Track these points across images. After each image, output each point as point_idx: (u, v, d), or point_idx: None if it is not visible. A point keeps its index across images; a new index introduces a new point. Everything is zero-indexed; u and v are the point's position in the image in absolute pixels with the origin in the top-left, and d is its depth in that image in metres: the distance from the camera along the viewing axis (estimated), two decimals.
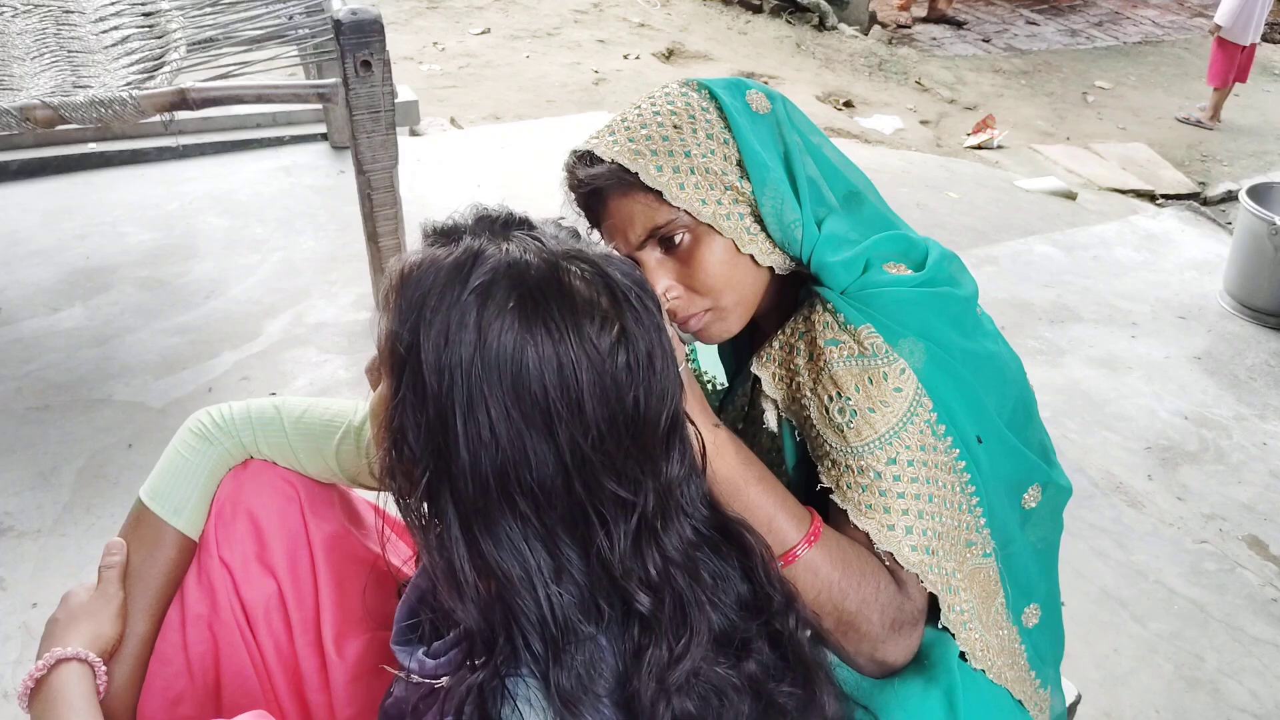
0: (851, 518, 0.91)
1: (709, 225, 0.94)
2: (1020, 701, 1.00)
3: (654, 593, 0.70)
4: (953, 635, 0.94)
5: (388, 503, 0.75)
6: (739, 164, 0.95)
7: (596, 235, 1.03)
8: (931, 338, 0.94)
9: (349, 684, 0.98)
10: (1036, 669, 1.04)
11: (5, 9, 2.41)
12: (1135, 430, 2.46)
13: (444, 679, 0.78)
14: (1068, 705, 1.17)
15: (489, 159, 3.61)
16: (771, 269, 0.98)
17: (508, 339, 0.66)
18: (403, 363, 0.68)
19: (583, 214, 1.01)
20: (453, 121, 4.25)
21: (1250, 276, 2.96)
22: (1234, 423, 2.52)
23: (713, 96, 0.97)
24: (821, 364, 0.93)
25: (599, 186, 0.95)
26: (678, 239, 0.95)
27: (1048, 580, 1.10)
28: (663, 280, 0.96)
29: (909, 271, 0.97)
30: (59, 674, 0.86)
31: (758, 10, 6.84)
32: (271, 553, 0.97)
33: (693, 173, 0.93)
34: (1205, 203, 4.30)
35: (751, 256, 0.96)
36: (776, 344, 0.99)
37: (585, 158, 0.97)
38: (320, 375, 2.39)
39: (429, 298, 0.68)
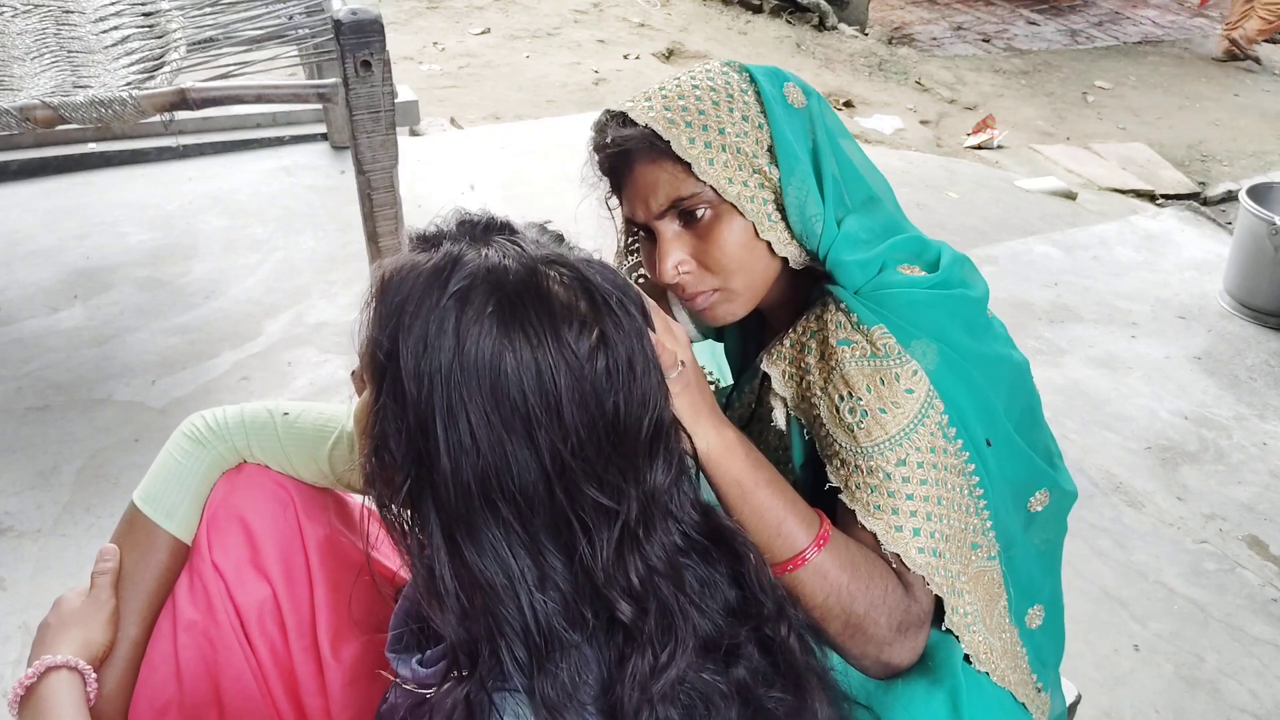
0: (860, 518, 0.91)
1: (732, 205, 0.94)
2: (1023, 704, 1.00)
3: (636, 602, 0.70)
4: (957, 638, 0.94)
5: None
6: (770, 150, 0.95)
7: (615, 201, 1.03)
8: (944, 340, 0.93)
9: (345, 688, 0.98)
10: (1038, 672, 1.04)
11: (5, 9, 2.40)
12: (1135, 430, 2.45)
13: (433, 689, 0.78)
14: (1068, 705, 1.17)
15: (489, 159, 3.61)
16: (785, 261, 0.98)
17: (486, 344, 0.66)
18: (383, 369, 0.68)
19: (604, 177, 1.01)
20: (453, 121, 4.24)
21: (1250, 276, 2.96)
22: (1234, 423, 2.52)
23: (753, 80, 0.97)
24: (833, 363, 0.93)
25: (628, 149, 0.95)
26: (699, 214, 0.94)
27: (1051, 581, 1.10)
28: (676, 253, 0.96)
29: (922, 273, 0.97)
30: (49, 682, 0.86)
31: (758, 10, 6.84)
32: (265, 557, 0.97)
33: (724, 150, 0.93)
34: (1205, 203, 4.30)
35: (768, 244, 0.96)
36: (787, 342, 0.99)
37: (619, 118, 0.96)
38: (320, 375, 2.39)
39: (408, 304, 0.67)
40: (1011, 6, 8.01)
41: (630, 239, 1.15)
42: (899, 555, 0.90)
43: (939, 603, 0.93)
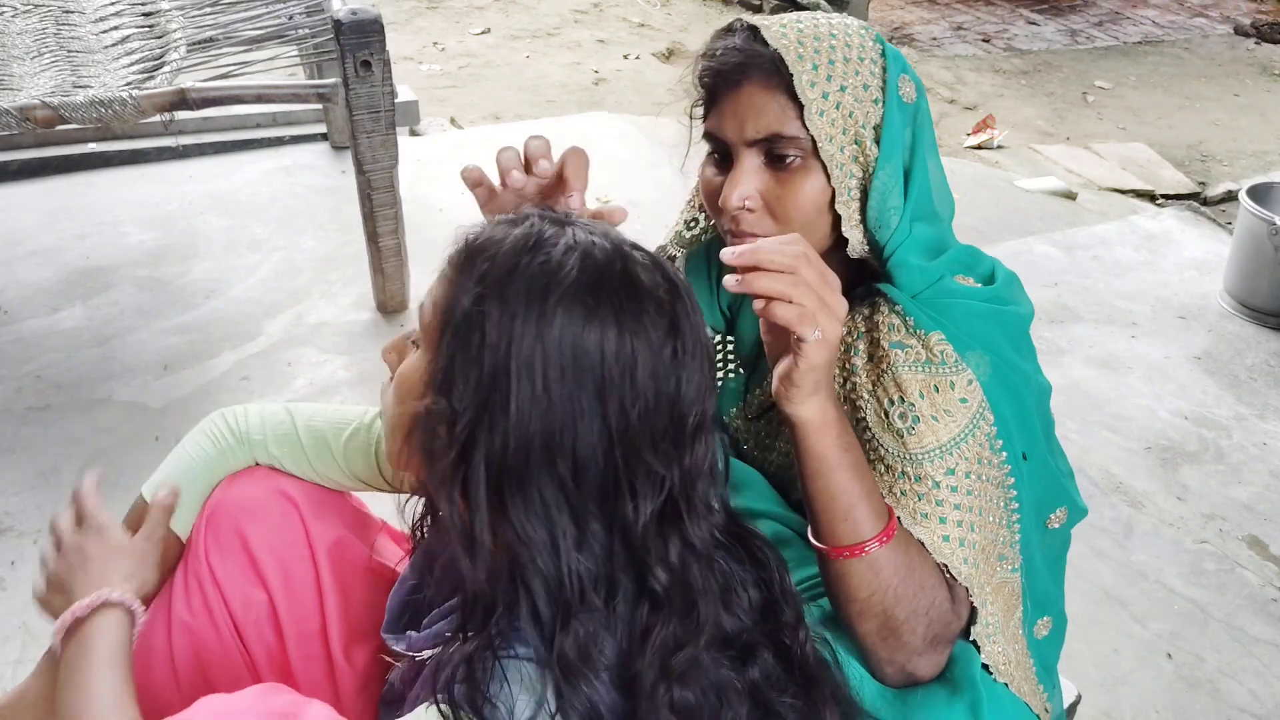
0: (904, 525, 0.89)
1: (821, 164, 0.91)
2: (1038, 716, 1.00)
3: (670, 573, 0.71)
4: (978, 648, 0.94)
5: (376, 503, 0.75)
6: (876, 128, 0.92)
7: (699, 111, 0.99)
8: (995, 353, 0.93)
9: (359, 691, 0.98)
10: (1043, 682, 1.04)
11: (5, 9, 2.41)
12: (1135, 430, 2.45)
13: (428, 652, 0.78)
14: (1068, 705, 1.17)
15: (489, 159, 3.60)
16: (838, 244, 0.96)
17: (574, 308, 0.68)
18: (459, 323, 0.70)
19: (700, 87, 0.97)
20: (453, 121, 4.24)
21: (1250, 276, 2.96)
22: (1234, 423, 2.52)
23: (884, 55, 0.95)
24: (884, 366, 0.91)
25: (746, 64, 0.92)
26: (789, 159, 0.92)
27: (1059, 592, 1.10)
28: (749, 186, 0.93)
29: (977, 284, 0.96)
30: (102, 619, 0.82)
31: (758, 10, 6.84)
32: (262, 563, 0.96)
33: (839, 108, 0.90)
34: (1205, 203, 4.29)
35: (835, 219, 0.94)
36: None
37: (748, 31, 0.93)
38: (320, 375, 2.39)
39: (496, 262, 0.70)
40: (1011, 6, 8.01)
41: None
42: (947, 566, 0.89)
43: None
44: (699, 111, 1.00)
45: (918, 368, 0.90)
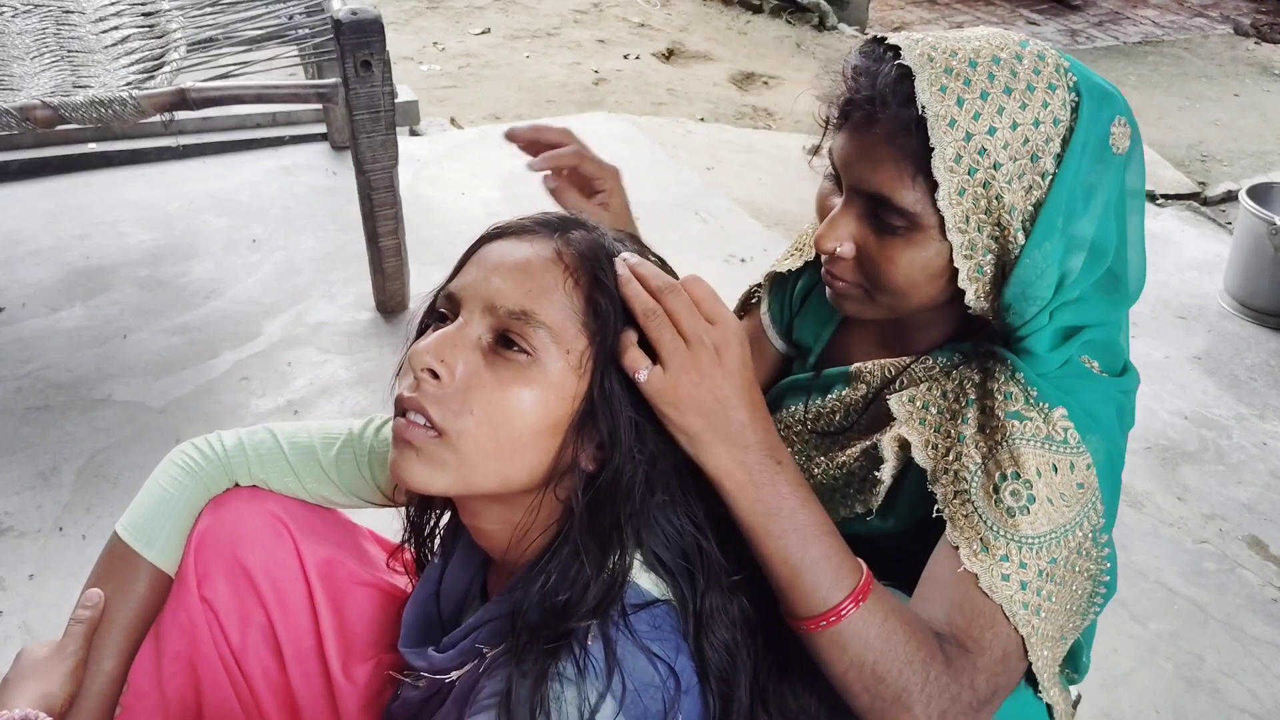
0: (969, 568, 0.79)
1: (943, 240, 0.79)
2: None
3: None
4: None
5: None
6: (1035, 207, 0.78)
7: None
8: (1111, 440, 0.86)
9: (363, 709, 0.97)
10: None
11: (5, 9, 2.41)
12: (1135, 430, 2.41)
13: (454, 673, 0.78)
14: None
15: (489, 159, 3.60)
16: (959, 295, 0.83)
17: None
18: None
19: (829, 100, 0.85)
20: (453, 121, 4.24)
21: (1250, 276, 2.96)
22: (1234, 423, 2.52)
23: (1075, 112, 0.78)
24: (999, 438, 0.81)
25: (878, 115, 0.78)
26: (895, 226, 0.80)
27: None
28: (844, 234, 0.82)
29: (1103, 373, 0.88)
30: None
31: (758, 10, 6.84)
32: (259, 584, 0.95)
33: (985, 188, 0.76)
34: (1205, 203, 4.29)
35: (951, 279, 0.82)
36: (934, 409, 0.87)
37: (899, 72, 0.77)
38: (320, 375, 2.39)
39: None
40: (1011, 6, 8.01)
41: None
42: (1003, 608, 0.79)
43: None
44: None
45: (1037, 443, 0.80)
